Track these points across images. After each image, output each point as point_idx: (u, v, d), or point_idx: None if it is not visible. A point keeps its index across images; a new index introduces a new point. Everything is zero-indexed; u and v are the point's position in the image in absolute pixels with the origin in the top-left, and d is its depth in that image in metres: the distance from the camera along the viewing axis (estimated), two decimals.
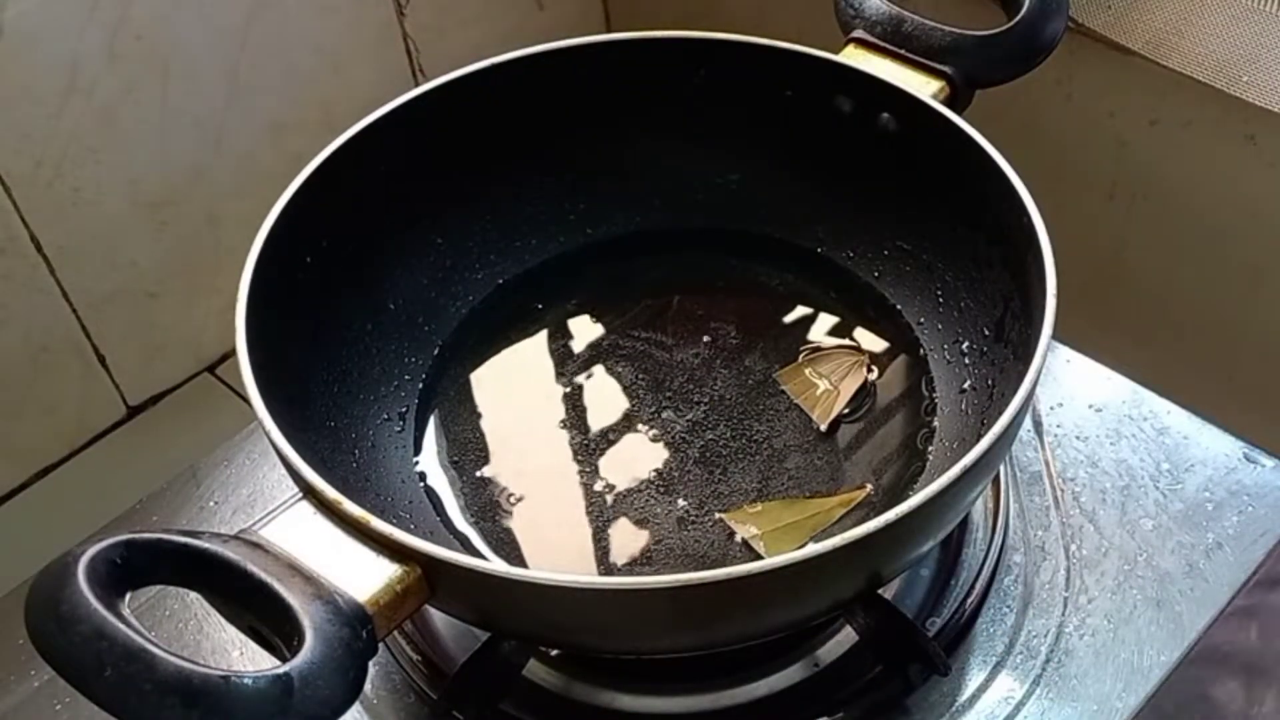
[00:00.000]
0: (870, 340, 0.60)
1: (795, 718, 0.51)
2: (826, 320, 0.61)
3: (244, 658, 0.54)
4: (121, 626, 0.34)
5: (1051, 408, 0.61)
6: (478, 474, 0.56)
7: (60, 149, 0.65)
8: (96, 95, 0.65)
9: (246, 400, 0.46)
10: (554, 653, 0.53)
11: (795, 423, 0.57)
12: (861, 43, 0.59)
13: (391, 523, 0.42)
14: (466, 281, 0.62)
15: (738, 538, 0.52)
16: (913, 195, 0.59)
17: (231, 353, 0.48)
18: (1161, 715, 0.48)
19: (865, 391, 0.58)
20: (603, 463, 0.56)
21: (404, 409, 0.58)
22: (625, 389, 0.59)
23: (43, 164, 0.64)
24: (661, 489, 0.55)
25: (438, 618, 0.55)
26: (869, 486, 0.54)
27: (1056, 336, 0.46)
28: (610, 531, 0.54)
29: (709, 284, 0.64)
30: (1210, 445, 0.58)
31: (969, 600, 0.53)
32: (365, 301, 0.58)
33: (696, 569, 0.41)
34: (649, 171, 0.64)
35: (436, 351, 0.61)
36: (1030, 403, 0.46)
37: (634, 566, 0.52)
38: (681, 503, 0.54)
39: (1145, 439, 0.59)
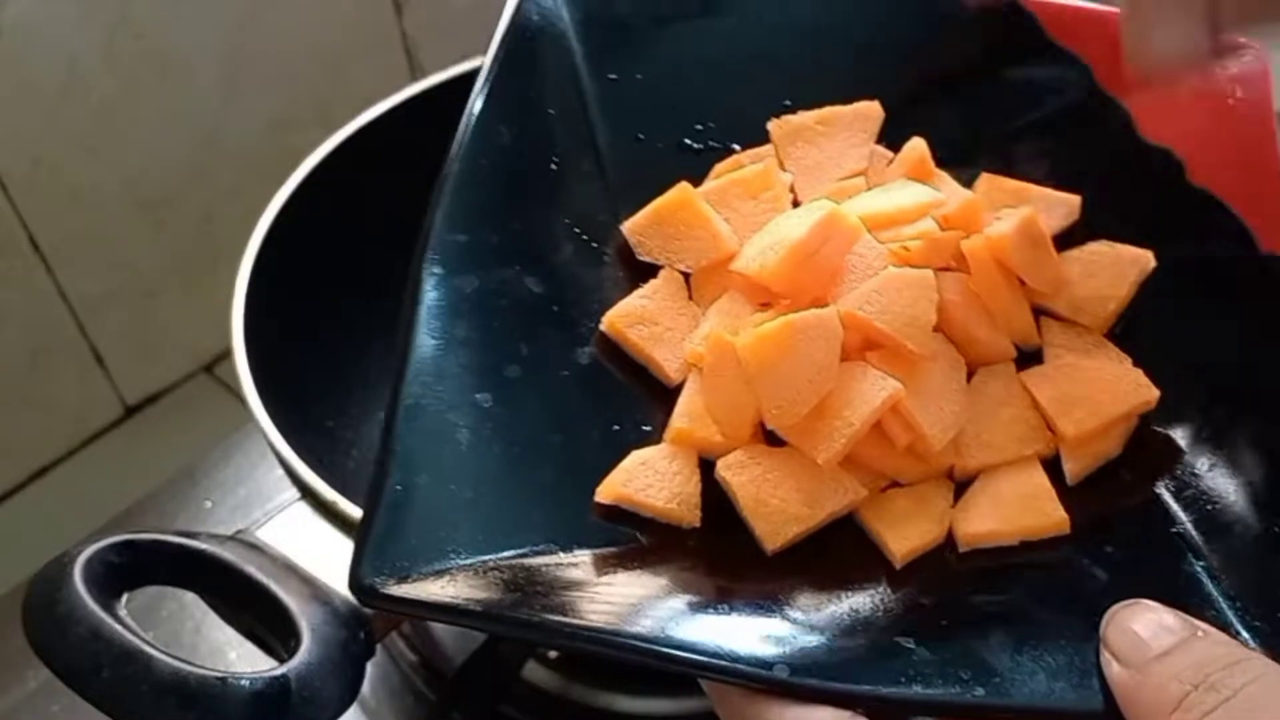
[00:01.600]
0: None
1: None
2: None
3: (241, 659, 0.54)
4: (118, 627, 0.34)
5: None
6: None
7: (58, 148, 0.64)
8: (95, 94, 0.64)
9: (244, 400, 0.46)
10: (552, 654, 0.53)
11: None
12: None
13: None
14: None
15: None
16: None
17: (229, 352, 0.47)
18: None
19: None
20: None
21: None
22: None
23: (40, 163, 0.64)
24: None
25: None
26: None
27: None
28: None
29: None
30: None
31: None
32: (363, 301, 0.58)
33: None
34: None
35: None
36: None
37: None
38: None
39: None
